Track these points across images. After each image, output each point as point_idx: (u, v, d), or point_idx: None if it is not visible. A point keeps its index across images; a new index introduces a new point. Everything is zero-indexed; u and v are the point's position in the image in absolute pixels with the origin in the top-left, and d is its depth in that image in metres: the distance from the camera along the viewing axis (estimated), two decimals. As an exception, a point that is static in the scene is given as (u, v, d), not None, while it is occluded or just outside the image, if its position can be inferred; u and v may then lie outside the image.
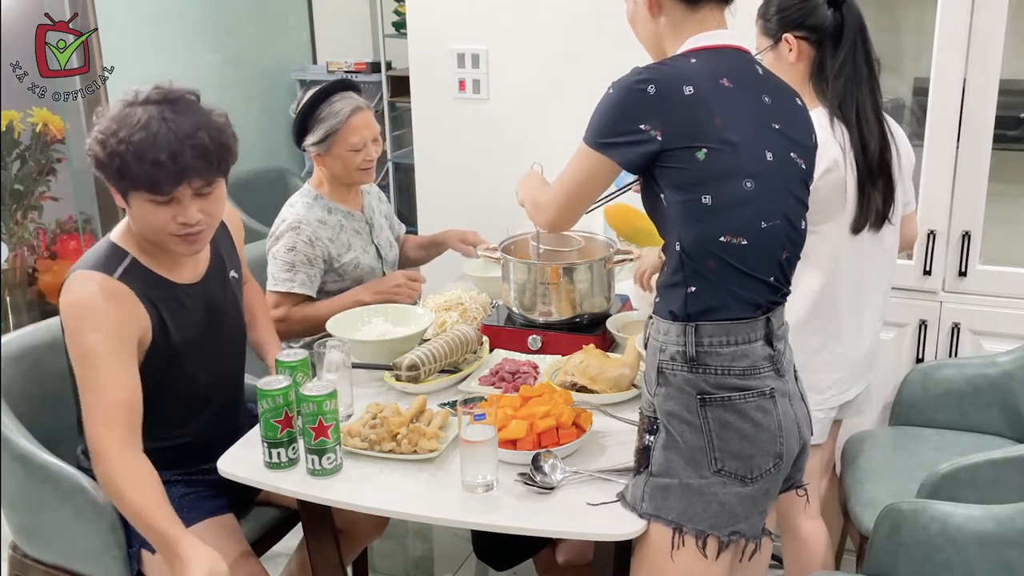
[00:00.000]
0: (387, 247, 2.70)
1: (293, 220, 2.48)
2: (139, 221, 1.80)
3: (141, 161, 1.69)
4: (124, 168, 1.70)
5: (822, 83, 2.03)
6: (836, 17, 2.00)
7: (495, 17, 3.05)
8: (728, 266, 1.50)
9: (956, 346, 2.60)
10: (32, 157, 3.51)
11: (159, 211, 1.76)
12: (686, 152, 1.48)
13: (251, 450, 1.80)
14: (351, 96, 2.51)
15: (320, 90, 2.52)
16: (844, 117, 2.00)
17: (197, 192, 1.76)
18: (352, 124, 2.46)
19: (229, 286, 2.02)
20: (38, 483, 1.93)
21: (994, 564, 1.65)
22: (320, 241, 2.48)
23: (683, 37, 1.58)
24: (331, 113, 2.46)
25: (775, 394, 1.53)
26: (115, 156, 1.70)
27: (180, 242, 1.81)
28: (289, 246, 2.46)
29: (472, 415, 1.62)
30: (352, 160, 2.49)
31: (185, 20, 4.31)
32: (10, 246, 3.59)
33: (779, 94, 1.61)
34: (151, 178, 1.70)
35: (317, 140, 2.48)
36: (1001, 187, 2.64)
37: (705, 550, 1.53)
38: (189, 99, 1.78)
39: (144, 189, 1.72)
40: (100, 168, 1.75)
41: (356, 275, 2.57)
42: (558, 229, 1.80)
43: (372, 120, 2.52)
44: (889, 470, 2.27)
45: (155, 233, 1.80)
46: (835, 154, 1.98)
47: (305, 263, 2.46)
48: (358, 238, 2.59)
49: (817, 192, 1.97)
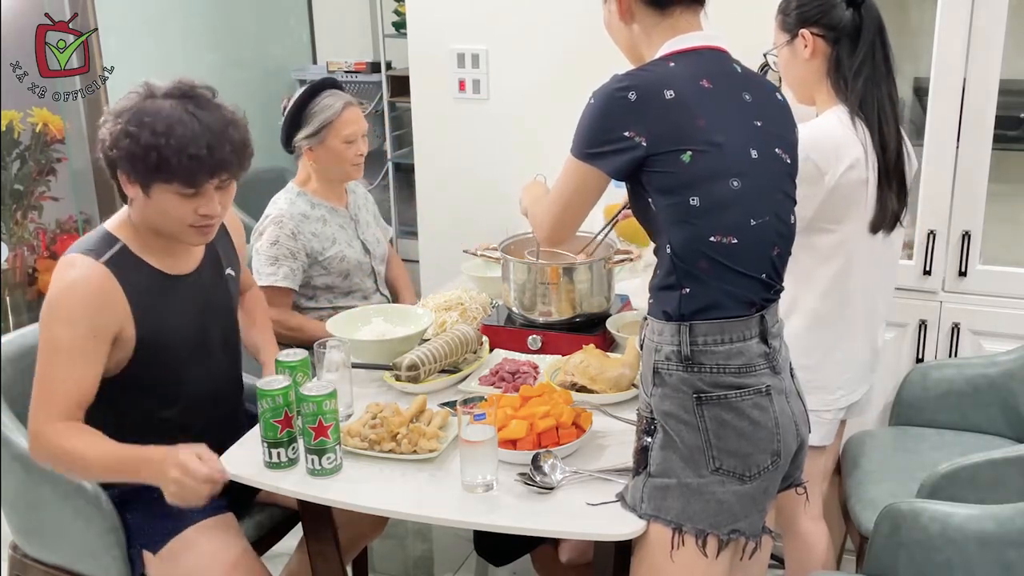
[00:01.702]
0: (374, 243, 2.73)
1: (276, 215, 2.54)
2: (158, 214, 1.82)
3: (180, 154, 1.72)
4: (162, 161, 1.72)
5: (840, 81, 2.02)
6: (855, 17, 2.00)
7: (495, 17, 3.05)
8: (720, 265, 1.50)
9: (956, 346, 2.60)
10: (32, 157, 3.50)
11: (184, 203, 1.79)
12: (671, 155, 1.48)
13: (251, 450, 1.80)
14: (340, 93, 2.59)
15: (309, 87, 2.60)
16: (865, 116, 2.00)
17: (220, 185, 1.81)
18: (346, 117, 2.54)
19: (224, 283, 2.03)
20: (38, 483, 1.93)
21: (994, 564, 1.65)
22: (303, 235, 2.52)
23: (658, 42, 1.59)
24: (325, 107, 2.54)
25: (771, 391, 1.53)
26: (152, 149, 1.71)
27: (196, 233, 1.85)
28: (272, 240, 2.50)
29: (472, 415, 1.62)
30: (346, 152, 2.56)
31: (185, 20, 4.31)
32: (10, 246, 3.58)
33: (760, 91, 1.62)
34: (189, 171, 1.74)
35: (311, 132, 2.54)
36: (1001, 187, 2.64)
37: (705, 549, 1.53)
38: (209, 95, 1.82)
39: (179, 181, 1.75)
40: (130, 160, 1.75)
41: (342, 268, 2.60)
42: (556, 244, 1.80)
43: (362, 116, 2.60)
44: (889, 470, 2.27)
45: (173, 224, 1.83)
46: (857, 152, 1.98)
47: (288, 256, 2.50)
48: (343, 233, 2.62)
49: (839, 190, 1.97)
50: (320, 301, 2.63)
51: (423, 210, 3.34)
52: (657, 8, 1.59)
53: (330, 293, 2.62)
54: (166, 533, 1.88)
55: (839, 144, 1.96)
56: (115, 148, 1.76)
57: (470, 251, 2.51)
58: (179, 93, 1.78)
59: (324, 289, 2.61)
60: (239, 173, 1.84)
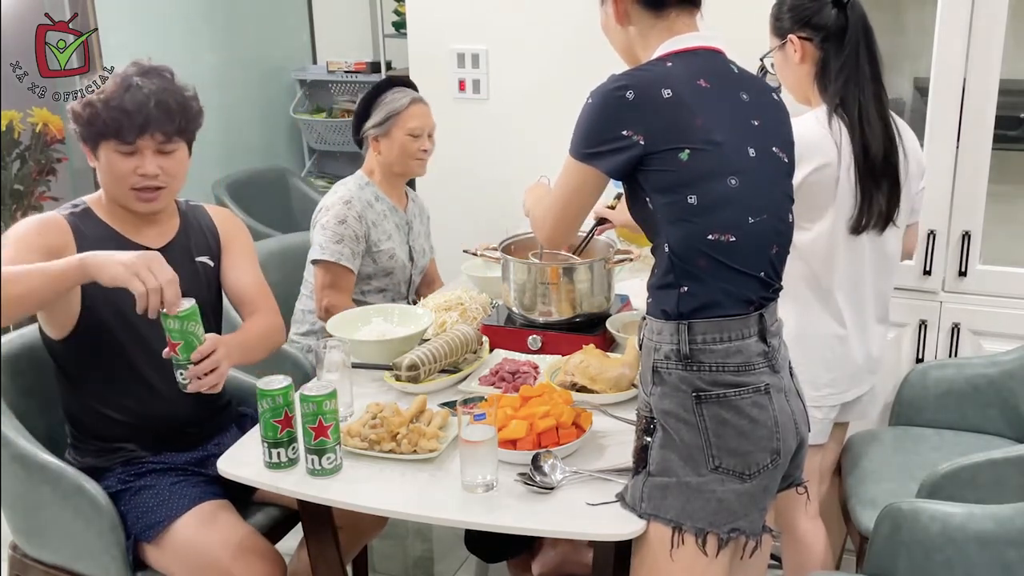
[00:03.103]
0: (420, 253, 2.79)
1: (345, 194, 2.60)
2: (105, 174, 1.93)
3: (108, 108, 1.86)
4: (94, 116, 1.87)
5: (825, 82, 2.03)
6: (840, 17, 2.00)
7: (495, 17, 3.05)
8: (718, 263, 1.50)
9: (956, 346, 2.60)
10: (32, 157, 3.50)
11: (123, 161, 1.90)
12: (669, 154, 1.49)
13: (251, 450, 1.80)
14: (410, 90, 2.67)
15: (384, 81, 2.71)
16: (845, 116, 2.00)
17: (159, 148, 1.91)
18: (412, 111, 2.62)
19: (195, 269, 2.04)
20: (38, 483, 1.93)
21: (994, 564, 1.65)
22: (366, 220, 2.58)
23: (654, 43, 1.59)
24: (393, 99, 2.63)
25: (770, 390, 1.53)
26: (87, 106, 1.88)
27: (138, 196, 1.93)
28: (340, 218, 2.56)
29: (472, 415, 1.62)
30: (410, 146, 2.62)
31: (185, 20, 4.31)
32: (10, 246, 3.58)
33: (756, 91, 1.62)
34: (118, 123, 1.87)
35: (378, 122, 2.61)
36: (1001, 187, 2.64)
37: (705, 548, 1.53)
38: (161, 71, 1.95)
39: (112, 136, 1.88)
40: (76, 122, 1.91)
41: (388, 265, 2.65)
42: (557, 245, 1.82)
43: (430, 114, 2.67)
44: (889, 470, 2.27)
45: (117, 185, 1.93)
46: (828, 151, 1.98)
47: (352, 238, 2.56)
48: (397, 233, 2.68)
49: (808, 188, 1.98)
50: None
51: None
52: (653, 10, 1.60)
53: (365, 284, 2.65)
54: (161, 520, 1.89)
55: (809, 144, 1.96)
56: (70, 115, 1.91)
57: (470, 251, 2.50)
58: (134, 69, 1.93)
59: (362, 278, 2.63)
60: (174, 136, 1.92)
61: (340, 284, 2.56)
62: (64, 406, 2.01)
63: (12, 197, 3.49)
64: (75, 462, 1.97)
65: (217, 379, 1.80)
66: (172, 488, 1.94)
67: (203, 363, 1.76)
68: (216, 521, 1.91)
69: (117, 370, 1.95)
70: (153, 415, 1.98)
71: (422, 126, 2.63)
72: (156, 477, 1.96)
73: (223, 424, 2.13)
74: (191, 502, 1.91)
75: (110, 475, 1.96)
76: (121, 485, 1.95)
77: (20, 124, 3.45)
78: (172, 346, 1.75)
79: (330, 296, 2.54)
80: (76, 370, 1.96)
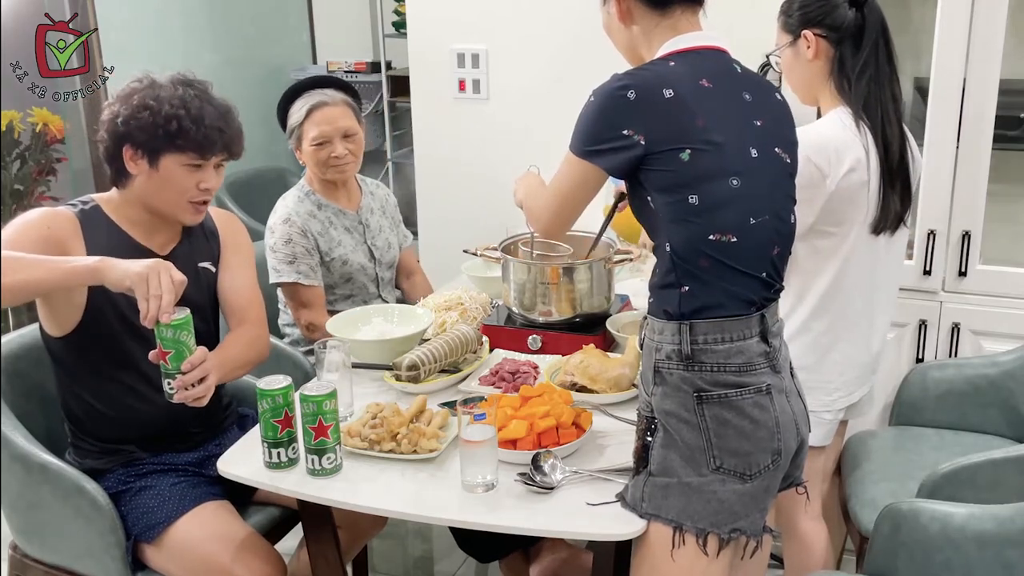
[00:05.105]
0: (384, 248, 2.71)
1: (283, 212, 2.55)
2: (160, 187, 1.91)
3: (199, 124, 1.86)
4: (182, 131, 1.85)
5: (844, 82, 2.01)
6: (857, 17, 1.99)
7: (495, 17, 3.05)
8: (720, 264, 1.50)
9: (956, 346, 2.60)
10: (32, 157, 3.50)
11: (189, 175, 1.91)
12: (670, 154, 1.49)
13: (251, 450, 1.80)
14: (320, 92, 2.55)
15: (288, 91, 2.59)
16: (868, 117, 1.99)
17: (219, 164, 1.95)
18: (313, 118, 2.52)
19: (197, 275, 2.04)
20: (38, 483, 1.93)
21: (994, 564, 1.65)
22: (311, 233, 2.54)
23: (657, 43, 1.59)
24: (292, 112, 2.56)
25: (772, 390, 1.53)
26: (172, 119, 1.85)
27: (192, 209, 1.96)
28: (285, 238, 2.51)
29: (472, 415, 1.62)
30: (317, 155, 2.54)
31: (185, 20, 4.31)
32: (10, 246, 3.58)
33: (759, 90, 1.62)
34: (206, 140, 1.88)
35: (287, 137, 2.57)
36: (1001, 187, 2.64)
37: (705, 548, 1.53)
38: (207, 87, 1.96)
39: (192, 150, 1.88)
40: (147, 131, 1.85)
41: (344, 272, 2.60)
42: (553, 237, 1.83)
43: (340, 115, 2.53)
44: (889, 470, 2.27)
45: (173, 197, 1.92)
46: (859, 154, 1.97)
47: (304, 253, 2.52)
48: (348, 236, 2.62)
49: (840, 193, 1.97)
50: None
51: (423, 210, 3.34)
52: (657, 9, 1.59)
53: (330, 294, 2.62)
54: (161, 521, 1.89)
55: (840, 147, 1.96)
56: (131, 120, 1.85)
57: (470, 251, 2.50)
58: (182, 81, 1.92)
59: (325, 288, 2.60)
60: (237, 156, 1.98)
61: (310, 301, 2.52)
62: (64, 406, 2.01)
63: (12, 197, 3.49)
64: (75, 463, 1.98)
65: (204, 391, 1.78)
66: (172, 489, 1.94)
67: (192, 373, 1.75)
68: (216, 522, 1.91)
69: (117, 370, 1.95)
70: (153, 415, 1.98)
71: (324, 133, 2.50)
72: (156, 478, 1.96)
73: (223, 425, 2.13)
74: (191, 503, 1.92)
75: (110, 476, 1.96)
76: (121, 486, 1.95)
77: (20, 124, 3.44)
78: (163, 354, 1.74)
79: (306, 315, 2.51)
80: (76, 369, 1.96)
